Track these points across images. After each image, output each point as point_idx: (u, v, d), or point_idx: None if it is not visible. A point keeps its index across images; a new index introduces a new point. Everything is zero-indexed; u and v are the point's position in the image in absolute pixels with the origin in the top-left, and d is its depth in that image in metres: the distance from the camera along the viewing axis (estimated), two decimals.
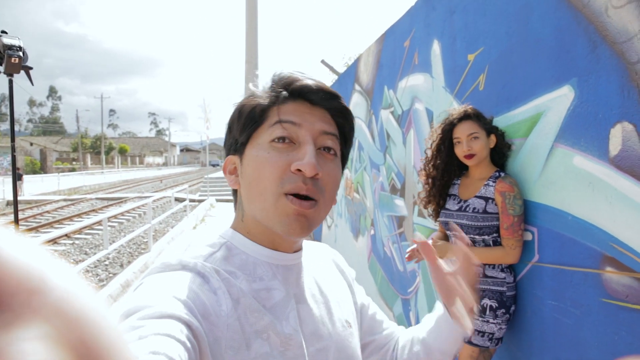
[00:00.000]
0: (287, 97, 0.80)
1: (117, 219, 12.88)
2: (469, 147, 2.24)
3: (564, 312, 1.94)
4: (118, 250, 8.80)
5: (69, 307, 0.18)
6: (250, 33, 6.14)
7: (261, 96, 0.81)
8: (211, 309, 0.68)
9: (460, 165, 2.42)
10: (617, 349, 1.66)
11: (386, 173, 4.32)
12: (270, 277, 0.79)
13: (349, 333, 0.88)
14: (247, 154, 0.80)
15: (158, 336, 0.55)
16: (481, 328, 2.19)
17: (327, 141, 0.80)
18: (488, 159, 2.31)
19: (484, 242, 2.22)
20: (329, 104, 0.81)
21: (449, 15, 2.91)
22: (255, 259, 0.80)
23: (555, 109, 1.95)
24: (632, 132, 1.57)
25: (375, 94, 4.61)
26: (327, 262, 0.99)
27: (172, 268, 0.73)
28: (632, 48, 1.56)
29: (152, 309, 0.60)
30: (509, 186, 2.15)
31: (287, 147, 0.77)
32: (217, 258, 0.77)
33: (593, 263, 1.77)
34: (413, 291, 3.70)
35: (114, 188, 27.40)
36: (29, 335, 0.16)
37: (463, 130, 2.26)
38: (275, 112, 0.79)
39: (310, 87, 0.80)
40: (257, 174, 0.77)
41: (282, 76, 0.82)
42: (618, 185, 1.63)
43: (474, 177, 2.35)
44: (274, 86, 0.82)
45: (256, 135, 0.80)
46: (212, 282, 0.71)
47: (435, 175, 2.44)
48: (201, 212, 14.01)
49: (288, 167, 0.75)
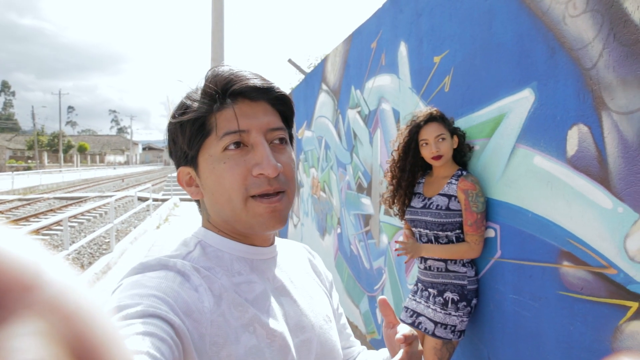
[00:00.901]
0: (224, 100, 0.78)
1: (77, 219, 12.50)
2: (437, 148, 2.31)
3: (523, 305, 2.03)
4: (78, 251, 8.56)
5: (63, 303, 0.18)
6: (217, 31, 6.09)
7: (199, 106, 0.78)
8: (193, 307, 0.68)
9: (425, 165, 2.49)
10: (572, 338, 1.75)
11: (353, 172, 4.37)
12: (248, 271, 0.81)
13: (329, 327, 0.90)
14: (203, 166, 0.79)
15: (140, 336, 0.55)
16: (444, 320, 2.26)
17: (276, 134, 0.81)
18: (451, 159, 2.40)
19: (447, 238, 2.30)
20: (267, 96, 0.81)
21: (415, 17, 2.99)
22: (230, 255, 0.81)
23: (517, 111, 2.04)
24: (588, 134, 1.66)
25: (343, 94, 4.66)
26: (302, 260, 1.01)
27: (151, 268, 0.73)
28: (587, 55, 1.65)
29: (134, 309, 0.60)
30: (471, 184, 2.23)
31: (241, 152, 0.77)
32: (194, 256, 0.78)
33: (551, 258, 1.86)
34: (379, 288, 3.76)
35: (73, 187, 26.58)
36: (23, 332, 0.16)
37: (430, 132, 2.32)
38: (220, 121, 0.77)
39: (247, 86, 0.78)
40: (219, 185, 0.77)
41: (217, 78, 0.79)
42: (575, 184, 1.72)
43: (437, 175, 2.42)
44: (208, 90, 0.79)
45: (206, 146, 0.78)
46: (192, 280, 0.72)
47: (400, 177, 2.49)
48: (165, 211, 13.78)
49: (249, 172, 0.76)
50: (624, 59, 1.51)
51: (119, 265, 7.51)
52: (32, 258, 0.18)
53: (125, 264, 7.53)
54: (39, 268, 0.18)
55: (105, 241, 9.60)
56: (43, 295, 0.17)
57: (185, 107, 0.80)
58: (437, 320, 2.28)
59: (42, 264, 0.18)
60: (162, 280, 0.69)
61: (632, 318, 1.52)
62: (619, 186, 1.55)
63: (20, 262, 0.17)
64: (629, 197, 1.51)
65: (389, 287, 3.53)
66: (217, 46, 6.06)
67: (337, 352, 0.90)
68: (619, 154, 1.54)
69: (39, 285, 0.17)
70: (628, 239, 1.52)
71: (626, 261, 1.53)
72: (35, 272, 0.18)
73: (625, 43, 1.50)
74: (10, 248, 0.17)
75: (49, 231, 10.46)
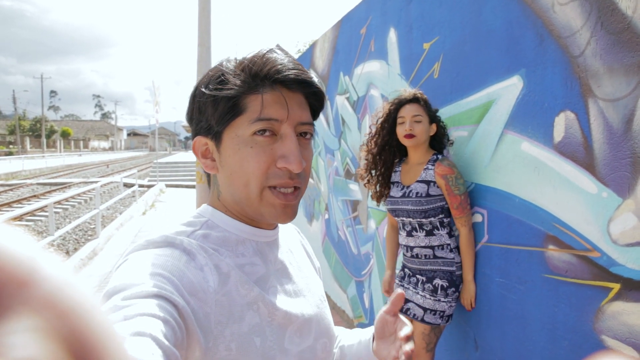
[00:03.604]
0: (265, 84, 0.77)
1: (61, 204, 12.35)
2: (411, 127, 2.31)
3: (509, 289, 2.08)
4: (63, 237, 8.49)
5: (59, 299, 0.18)
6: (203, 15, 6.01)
7: (236, 83, 0.77)
8: (198, 286, 0.69)
9: (400, 147, 2.49)
10: (557, 320, 1.81)
11: (341, 158, 4.39)
12: (252, 253, 0.81)
13: (324, 306, 0.93)
14: (227, 144, 0.79)
15: (143, 317, 0.55)
16: (433, 307, 2.30)
17: (304, 128, 0.81)
18: (426, 145, 2.40)
19: (431, 224, 2.32)
20: (305, 89, 0.81)
21: (405, 4, 2.99)
22: (237, 236, 0.81)
23: (505, 97, 2.06)
24: (574, 121, 1.70)
25: (331, 80, 4.66)
26: (297, 242, 1.03)
27: (156, 245, 0.72)
28: (575, 43, 1.68)
29: (138, 288, 0.60)
30: (448, 169, 2.25)
31: (269, 140, 0.77)
32: (198, 235, 0.78)
33: (537, 242, 1.90)
34: (367, 273, 3.81)
35: (56, 173, 26.23)
36: (19, 328, 0.16)
37: (408, 111, 2.34)
38: (255, 104, 0.76)
39: (290, 76, 0.77)
40: (241, 167, 0.77)
41: (262, 60, 0.78)
42: (561, 170, 1.76)
43: (413, 162, 2.43)
44: (250, 71, 0.77)
45: (234, 125, 0.77)
46: (198, 259, 0.72)
47: (375, 152, 2.49)
48: (151, 197, 13.68)
49: (273, 162, 0.76)
50: (611, 47, 1.54)
51: (105, 251, 7.47)
52: (28, 253, 0.18)
53: (111, 249, 7.49)
54: (35, 264, 0.18)
55: (91, 227, 9.52)
56: (39, 292, 0.17)
57: (221, 81, 0.78)
58: (426, 306, 2.31)
59: (38, 260, 0.18)
60: (168, 258, 0.69)
61: (614, 299, 1.57)
62: (604, 172, 1.59)
63: (16, 257, 0.17)
64: (613, 182, 1.55)
65: (377, 272, 3.57)
66: (204, 31, 5.99)
67: (332, 331, 0.93)
68: (605, 140, 1.58)
69: (34, 281, 0.17)
70: (611, 223, 1.56)
71: (609, 244, 1.58)
72: (31, 268, 0.17)
73: (612, 31, 1.53)
74: (5, 243, 0.17)
75: (33, 217, 10.35)
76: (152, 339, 0.52)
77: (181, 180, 20.02)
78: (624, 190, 1.51)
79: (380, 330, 0.93)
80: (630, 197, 1.49)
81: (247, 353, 0.71)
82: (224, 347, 0.69)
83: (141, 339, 0.51)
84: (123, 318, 0.54)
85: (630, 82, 1.47)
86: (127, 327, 0.52)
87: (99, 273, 6.19)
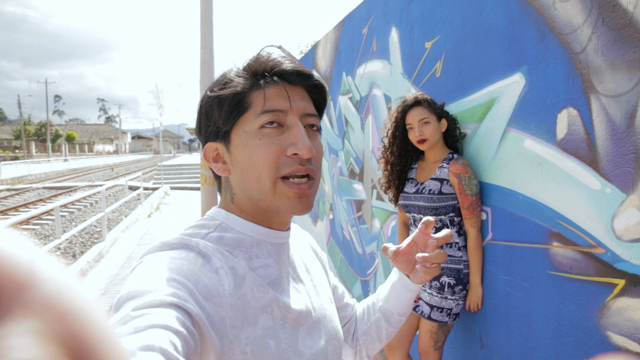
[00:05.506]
0: (266, 80, 0.80)
1: (67, 208, 12.44)
2: (421, 132, 2.34)
3: (514, 286, 2.08)
4: (70, 240, 8.54)
5: (59, 302, 0.18)
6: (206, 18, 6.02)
7: (239, 81, 0.80)
8: (214, 290, 0.68)
9: (416, 149, 2.52)
10: (562, 316, 1.81)
11: (345, 158, 4.39)
12: (266, 255, 0.82)
13: (332, 307, 0.94)
14: (235, 142, 0.80)
15: (154, 329, 0.54)
16: (440, 304, 2.30)
17: (310, 120, 0.82)
18: (441, 142, 2.42)
19: (442, 222, 2.32)
20: (306, 82, 0.83)
21: (407, 3, 2.99)
22: (252, 238, 0.81)
23: (508, 95, 2.07)
24: (577, 117, 1.70)
25: (334, 80, 4.66)
26: (306, 243, 1.03)
27: (171, 247, 0.73)
28: (577, 39, 1.68)
29: (151, 296, 0.59)
30: (462, 168, 2.26)
31: (277, 131, 0.78)
32: (213, 238, 0.78)
33: (541, 239, 1.90)
34: (372, 272, 3.81)
35: (62, 177, 26.33)
36: (18, 330, 0.16)
37: (414, 116, 2.36)
38: (259, 99, 0.79)
39: (289, 71, 0.80)
40: (251, 161, 0.78)
41: (262, 58, 0.82)
42: (564, 166, 1.76)
43: (429, 160, 2.45)
44: (252, 68, 0.81)
45: (241, 122, 0.79)
46: (213, 262, 0.72)
47: (393, 162, 2.52)
48: (156, 200, 13.72)
49: (282, 151, 0.77)
50: (613, 43, 1.54)
51: (111, 253, 7.50)
52: (27, 256, 0.18)
53: (117, 252, 7.52)
54: (34, 266, 0.18)
55: (97, 230, 9.58)
56: (38, 294, 0.17)
57: (225, 82, 0.81)
58: (434, 304, 2.32)
59: (37, 262, 0.18)
60: (183, 261, 0.69)
61: (619, 295, 1.57)
62: (607, 167, 1.58)
63: (15, 260, 0.17)
64: (616, 178, 1.55)
65: (382, 271, 3.57)
66: (207, 33, 6.00)
67: (340, 331, 0.94)
68: (607, 136, 1.58)
69: (34, 283, 0.17)
70: (615, 218, 1.56)
71: (613, 240, 1.58)
72: (30, 270, 0.17)
73: (613, 27, 1.53)
74: (5, 246, 0.17)
75: (39, 221, 10.41)
76: (162, 352, 0.51)
77: (186, 183, 20.08)
78: (628, 185, 1.51)
79: (405, 261, 1.00)
80: (633, 192, 1.49)
81: (262, 356, 0.71)
82: (239, 350, 0.69)
83: (150, 354, 0.50)
84: (134, 330, 0.53)
85: (632, 77, 1.47)
86: (137, 340, 0.52)
87: (105, 276, 6.21)
